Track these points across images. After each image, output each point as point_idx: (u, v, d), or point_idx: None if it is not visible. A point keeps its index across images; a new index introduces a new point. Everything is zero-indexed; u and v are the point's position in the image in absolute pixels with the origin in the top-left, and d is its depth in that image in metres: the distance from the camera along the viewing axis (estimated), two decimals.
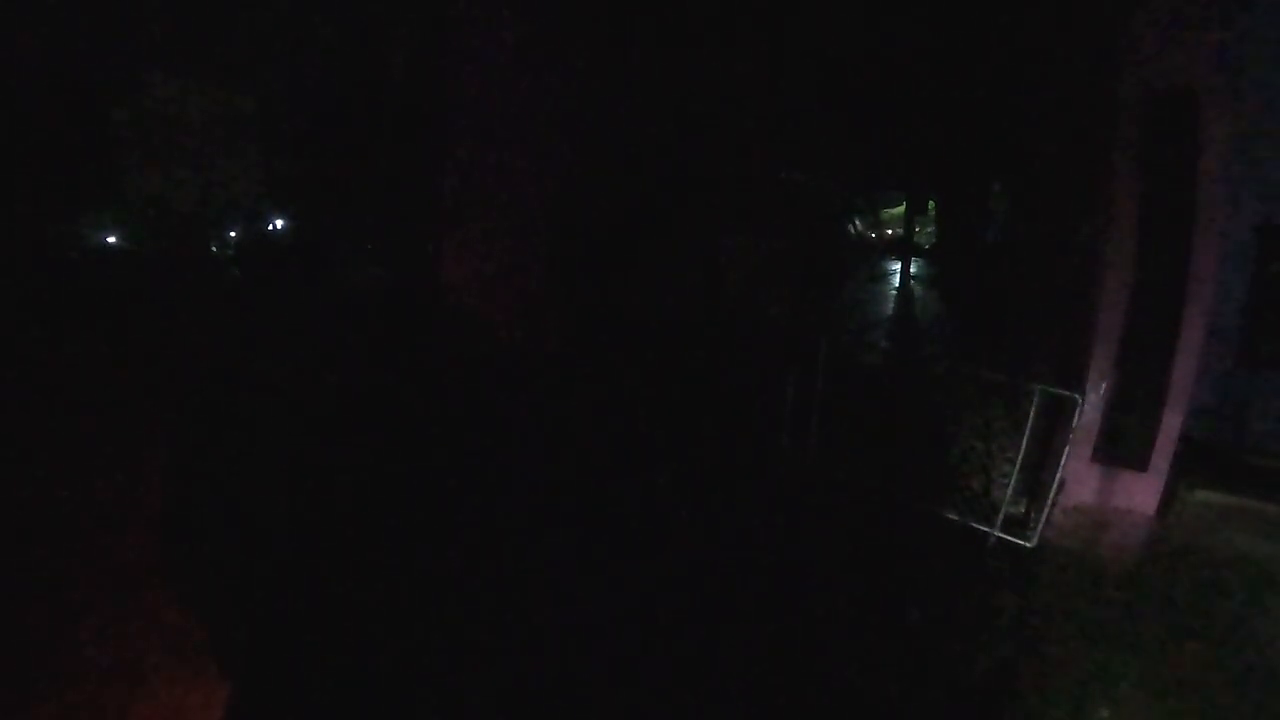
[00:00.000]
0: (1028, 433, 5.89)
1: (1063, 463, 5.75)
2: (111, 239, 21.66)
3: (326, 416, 8.22)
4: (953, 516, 6.17)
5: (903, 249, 22.58)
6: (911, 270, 21.28)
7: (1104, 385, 5.74)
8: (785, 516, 6.24)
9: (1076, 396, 5.63)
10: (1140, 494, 5.84)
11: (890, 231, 31.55)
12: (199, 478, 6.70)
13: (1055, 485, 5.80)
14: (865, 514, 6.31)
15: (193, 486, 6.49)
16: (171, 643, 4.25)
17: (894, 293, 19.58)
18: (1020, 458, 5.91)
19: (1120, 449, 5.80)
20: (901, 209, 25.75)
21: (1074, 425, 5.66)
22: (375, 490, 6.41)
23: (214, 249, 23.56)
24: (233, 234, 25.31)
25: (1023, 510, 6.20)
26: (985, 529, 5.92)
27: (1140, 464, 5.76)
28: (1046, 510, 5.79)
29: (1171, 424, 5.65)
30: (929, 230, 26.57)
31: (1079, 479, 5.94)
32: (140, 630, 4.35)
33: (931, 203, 23.75)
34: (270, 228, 25.41)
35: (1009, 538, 5.81)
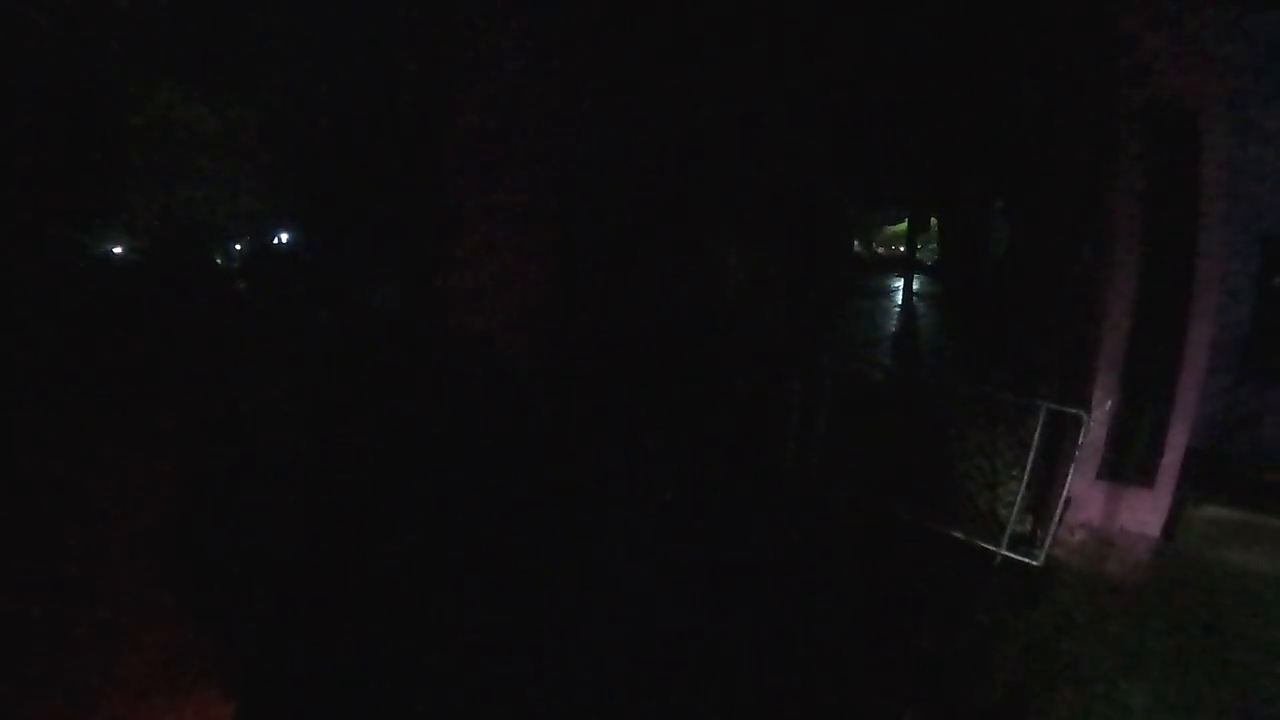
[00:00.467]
0: (1033, 450, 5.86)
1: (1069, 480, 5.71)
2: (117, 249, 21.78)
3: (330, 428, 8.21)
4: (959, 535, 6.13)
5: (905, 266, 22.57)
6: (914, 287, 21.27)
7: (1109, 402, 5.72)
8: (790, 533, 6.21)
9: (1082, 413, 5.61)
10: (1147, 510, 5.81)
11: (898, 249, 31.64)
12: (201, 489, 6.68)
13: (1061, 503, 5.76)
14: (871, 532, 6.27)
15: (195, 498, 6.47)
16: (169, 657, 4.22)
17: (897, 309, 19.55)
18: (1026, 475, 5.89)
19: (1126, 466, 5.77)
20: (904, 226, 25.79)
21: (1080, 442, 5.63)
22: (380, 503, 6.39)
23: (219, 260, 23.67)
24: (238, 246, 25.42)
25: (1029, 528, 6.17)
26: (992, 547, 5.87)
27: (1146, 480, 5.73)
28: (1053, 528, 5.76)
29: (1177, 440, 5.63)
30: (931, 247, 26.63)
31: (1085, 496, 5.92)
32: (137, 643, 4.32)
33: (934, 220, 23.82)
34: (275, 240, 25.51)
35: (1015, 556, 5.77)
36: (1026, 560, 5.73)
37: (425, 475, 6.93)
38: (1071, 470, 5.70)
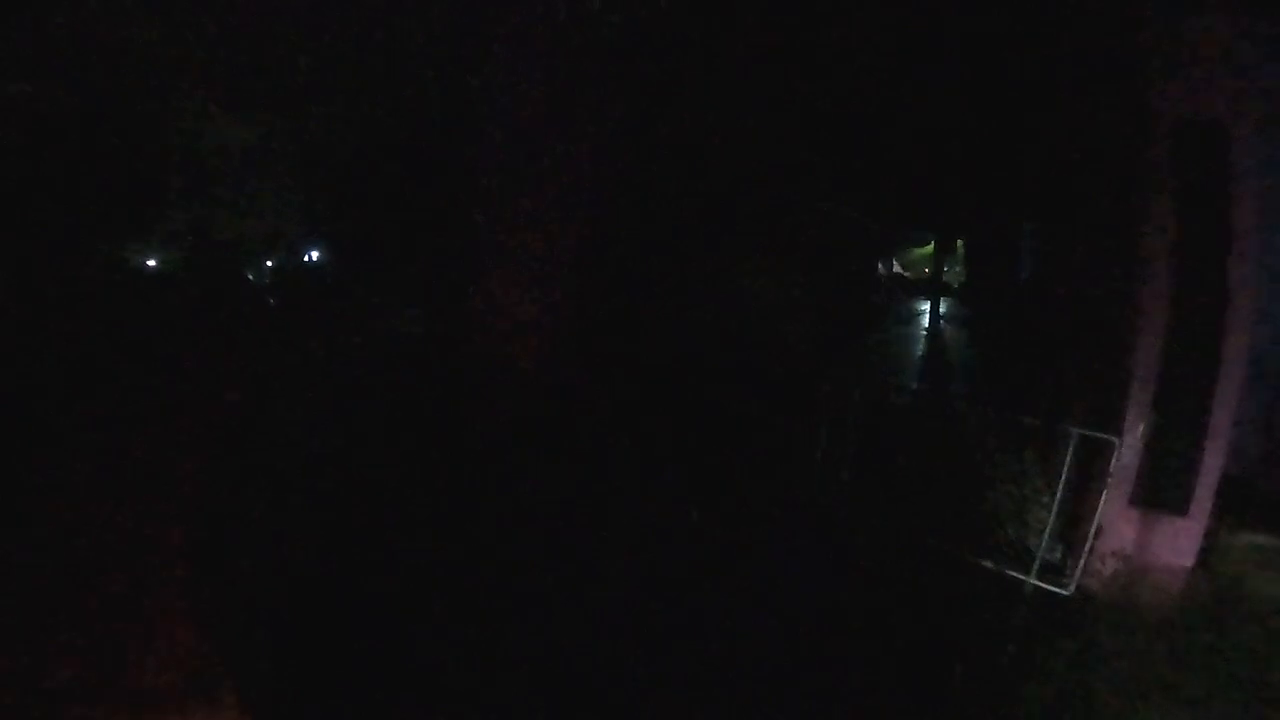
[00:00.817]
0: (1064, 477, 5.76)
1: (1100, 507, 5.59)
2: (151, 262, 22.49)
3: (352, 438, 8.30)
4: (987, 563, 6.02)
5: (932, 289, 22.36)
6: (941, 310, 21.03)
7: (1141, 427, 5.58)
8: (817, 561, 6.14)
9: (1113, 439, 5.50)
10: (1181, 538, 5.63)
11: (925, 270, 31.42)
12: (222, 496, 6.78)
13: (1093, 531, 5.63)
14: (897, 558, 6.17)
15: (219, 508, 6.56)
16: (188, 667, 4.25)
17: (924, 333, 19.38)
18: (1056, 502, 5.81)
19: (1159, 492, 5.61)
20: (930, 248, 25.63)
21: (1111, 468, 5.52)
22: (399, 513, 6.43)
23: (251, 276, 24.19)
24: (269, 264, 25.96)
25: (1059, 557, 6.05)
26: (1021, 576, 5.76)
27: (1181, 508, 5.56)
28: (1084, 556, 5.64)
29: (1212, 465, 5.46)
30: (958, 270, 26.42)
31: (1117, 524, 5.75)
32: (156, 652, 4.37)
33: (960, 242, 23.65)
34: (306, 258, 26.04)
35: (1045, 585, 5.66)
36: (1056, 590, 5.62)
37: (446, 489, 6.97)
38: (1103, 497, 5.59)
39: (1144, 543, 5.69)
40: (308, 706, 4.11)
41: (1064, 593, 5.58)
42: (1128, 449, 5.61)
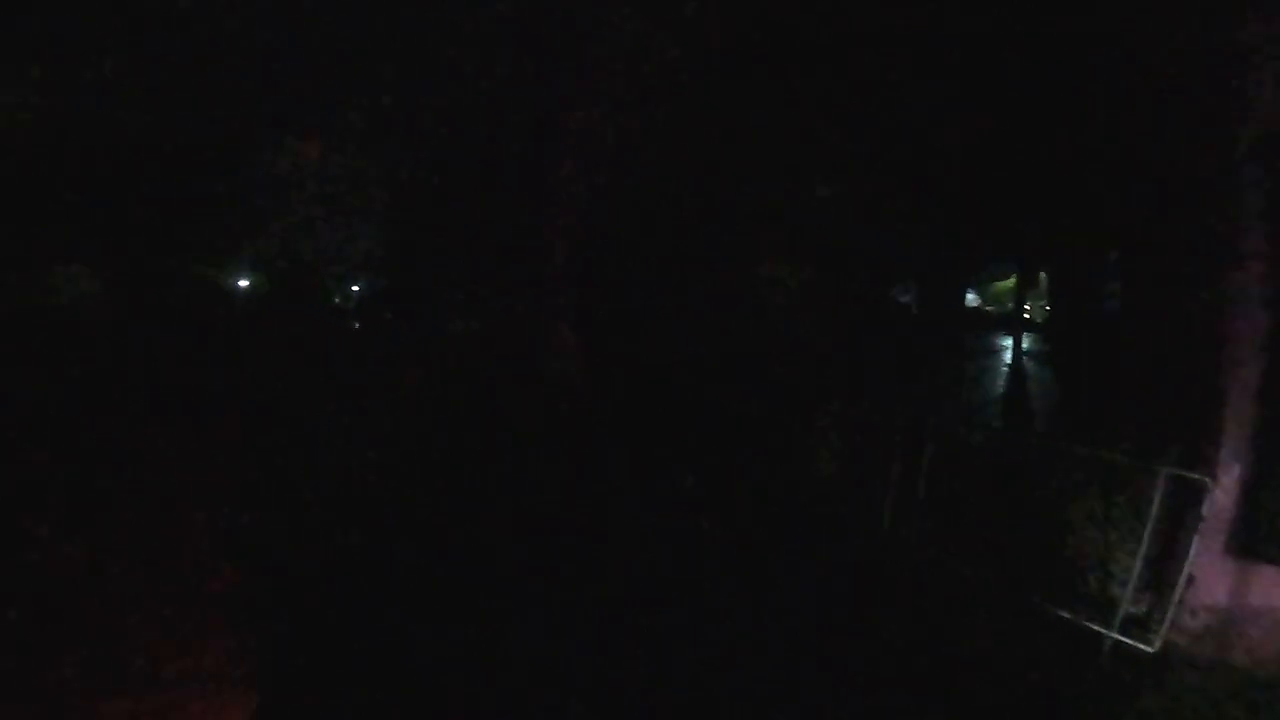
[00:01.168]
0: (1151, 521, 5.32)
1: (1191, 556, 5.14)
2: (243, 283, 24.37)
3: (388, 449, 8.60)
4: (1065, 614, 5.62)
5: (1014, 323, 21.59)
6: (1024, 346, 20.26)
7: (1237, 467, 5.12)
8: (884, 603, 5.93)
9: (1207, 480, 5.06)
10: None
11: (1009, 305, 30.46)
12: (284, 497, 7.06)
13: (1182, 581, 5.18)
14: (970, 608, 5.88)
15: (275, 506, 6.84)
16: (225, 657, 4.36)
17: (1006, 369, 18.75)
18: (1143, 549, 5.35)
19: (1257, 540, 5.09)
20: (1012, 282, 24.83)
21: (1204, 513, 5.07)
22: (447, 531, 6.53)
23: (336, 300, 25.70)
24: (355, 288, 27.48)
25: (1145, 609, 5.56)
26: (1101, 630, 5.36)
27: None
28: (1172, 610, 5.19)
29: None
30: (1042, 304, 25.45)
31: (1210, 574, 5.25)
32: (197, 643, 4.49)
33: (1043, 275, 22.74)
34: (389, 284, 27.39)
35: (1129, 641, 5.24)
36: (1140, 645, 5.19)
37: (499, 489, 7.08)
38: (1194, 544, 5.13)
39: (1239, 595, 5.18)
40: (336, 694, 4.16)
41: (1149, 649, 5.16)
42: (1223, 491, 5.14)
